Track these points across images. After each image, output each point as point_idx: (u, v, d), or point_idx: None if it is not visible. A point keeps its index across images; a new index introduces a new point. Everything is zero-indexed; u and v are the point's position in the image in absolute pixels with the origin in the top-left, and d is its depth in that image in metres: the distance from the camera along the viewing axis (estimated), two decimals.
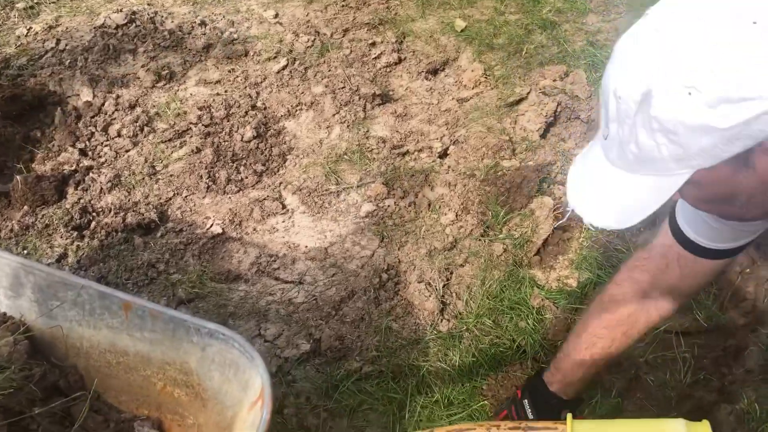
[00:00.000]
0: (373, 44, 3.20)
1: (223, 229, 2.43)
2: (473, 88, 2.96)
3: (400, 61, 3.13)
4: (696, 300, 2.08)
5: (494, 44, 3.19)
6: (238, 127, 2.75)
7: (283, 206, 2.52)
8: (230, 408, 1.47)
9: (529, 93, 2.85)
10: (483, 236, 2.36)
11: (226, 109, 2.83)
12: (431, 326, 2.13)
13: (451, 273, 2.28)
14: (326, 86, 2.95)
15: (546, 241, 2.34)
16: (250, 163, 2.64)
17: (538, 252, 2.33)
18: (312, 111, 2.88)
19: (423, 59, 3.12)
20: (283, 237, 2.42)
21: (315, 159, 2.69)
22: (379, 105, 2.89)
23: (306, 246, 2.38)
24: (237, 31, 3.29)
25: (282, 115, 2.85)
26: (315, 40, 3.21)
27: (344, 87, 2.92)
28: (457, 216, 2.43)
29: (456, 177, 2.56)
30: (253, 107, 2.86)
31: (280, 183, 2.61)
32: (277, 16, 3.40)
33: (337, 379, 2.01)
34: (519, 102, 2.84)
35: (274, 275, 2.30)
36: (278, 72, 3.04)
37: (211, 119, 2.79)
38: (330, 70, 3.04)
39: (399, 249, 2.36)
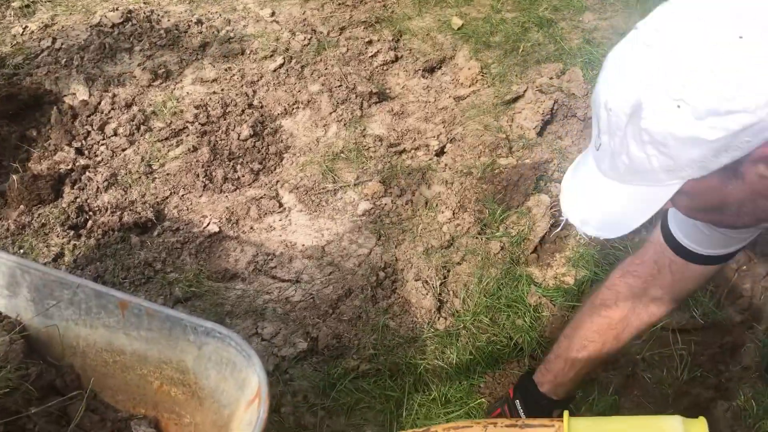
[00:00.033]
0: (370, 42, 3.20)
1: (219, 227, 2.42)
2: (470, 86, 2.96)
3: (396, 59, 3.13)
4: (693, 297, 2.09)
5: (491, 42, 3.19)
6: (234, 126, 2.74)
7: (280, 205, 2.52)
8: (227, 407, 1.47)
9: (525, 91, 2.85)
10: (480, 234, 2.36)
11: (222, 107, 2.83)
12: (428, 324, 2.13)
13: (448, 271, 2.28)
14: (323, 84, 2.95)
15: (543, 239, 2.35)
16: (247, 162, 2.64)
17: (535, 250, 2.34)
18: (309, 109, 2.88)
19: (420, 57, 3.12)
20: (280, 235, 2.42)
21: (312, 157, 2.68)
22: (376, 103, 2.89)
23: (303, 244, 2.38)
24: (233, 30, 3.29)
25: (279, 114, 2.85)
26: (311, 38, 3.21)
27: (341, 85, 2.92)
28: (454, 214, 2.42)
29: (453, 175, 2.56)
30: (250, 106, 2.86)
31: (277, 181, 2.61)
32: (273, 14, 3.40)
33: (335, 377, 2.00)
34: (516, 100, 2.84)
35: (271, 274, 2.29)
36: (275, 70, 3.04)
37: (208, 118, 2.79)
38: (327, 69, 3.04)
39: (396, 247, 2.36)
